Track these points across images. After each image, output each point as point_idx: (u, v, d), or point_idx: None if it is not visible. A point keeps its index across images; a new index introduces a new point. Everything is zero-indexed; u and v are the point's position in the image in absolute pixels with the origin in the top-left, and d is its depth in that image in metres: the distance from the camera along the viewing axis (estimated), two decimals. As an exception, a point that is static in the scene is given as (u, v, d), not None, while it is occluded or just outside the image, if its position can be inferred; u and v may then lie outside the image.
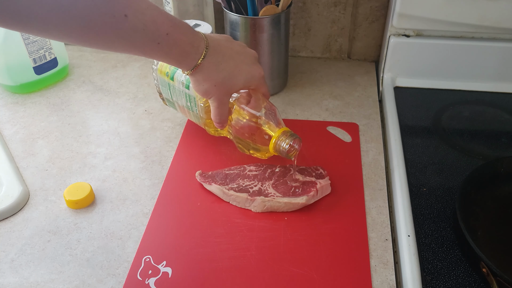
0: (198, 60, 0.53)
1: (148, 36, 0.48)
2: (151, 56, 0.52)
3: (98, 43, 0.47)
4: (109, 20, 0.45)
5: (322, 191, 0.61)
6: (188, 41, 0.52)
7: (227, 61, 0.56)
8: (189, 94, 0.65)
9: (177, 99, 0.68)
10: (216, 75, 0.55)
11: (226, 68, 0.55)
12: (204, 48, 0.53)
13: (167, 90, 0.69)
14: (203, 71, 0.54)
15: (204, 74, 0.55)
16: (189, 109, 0.67)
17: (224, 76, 0.55)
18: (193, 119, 0.70)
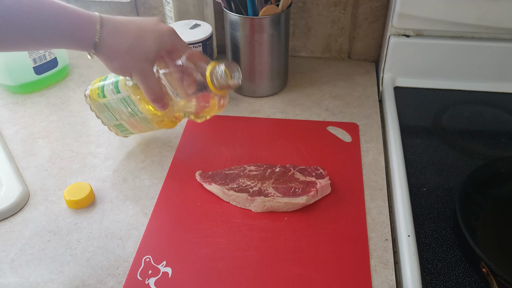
0: (96, 33, 0.52)
1: (39, 18, 0.49)
2: (46, 45, 0.52)
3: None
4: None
5: (322, 191, 0.61)
6: (80, 16, 0.52)
7: (128, 26, 0.54)
8: (123, 97, 0.62)
9: (120, 114, 0.65)
10: (122, 43, 0.53)
11: (129, 32, 0.53)
12: (98, 20, 0.52)
13: (108, 113, 0.65)
14: (107, 42, 0.53)
15: (109, 46, 0.53)
16: (134, 116, 0.64)
17: (131, 42, 0.53)
18: (145, 126, 0.66)
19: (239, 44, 0.76)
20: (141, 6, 0.92)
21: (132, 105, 0.62)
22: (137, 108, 0.62)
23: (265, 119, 0.76)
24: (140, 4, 0.92)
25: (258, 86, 0.81)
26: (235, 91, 0.83)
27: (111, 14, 0.92)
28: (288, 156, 0.68)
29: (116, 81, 0.62)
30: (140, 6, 0.92)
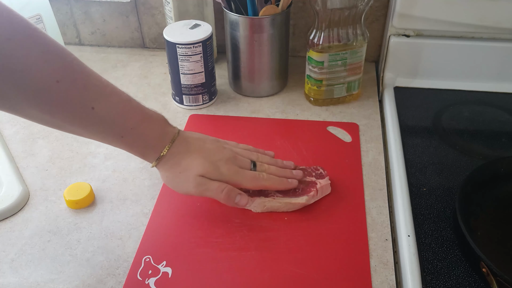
0: (162, 152, 0.53)
1: (113, 129, 0.50)
2: (113, 145, 0.52)
3: (65, 128, 0.49)
4: (76, 110, 0.47)
5: (322, 191, 0.61)
6: (154, 135, 0.53)
7: (194, 151, 0.55)
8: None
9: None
10: (180, 163, 0.54)
11: (192, 154, 0.55)
12: (173, 136, 0.54)
13: None
14: (168, 160, 0.54)
15: (168, 163, 0.54)
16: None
17: (189, 163, 0.54)
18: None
19: (239, 44, 0.76)
20: (141, 6, 0.92)
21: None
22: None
23: (265, 119, 0.76)
24: (140, 4, 0.92)
25: (258, 86, 0.81)
26: (235, 91, 0.83)
27: (111, 14, 0.94)
28: (288, 156, 0.68)
29: None
30: (140, 6, 0.92)
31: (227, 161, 0.56)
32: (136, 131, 0.51)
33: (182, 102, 0.78)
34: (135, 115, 0.51)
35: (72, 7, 0.94)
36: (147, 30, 0.96)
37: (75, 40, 0.99)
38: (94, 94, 0.48)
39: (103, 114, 0.48)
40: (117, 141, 0.51)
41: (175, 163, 0.54)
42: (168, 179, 0.56)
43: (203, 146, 0.56)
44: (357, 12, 0.70)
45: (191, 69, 0.74)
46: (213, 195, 0.55)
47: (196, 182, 0.54)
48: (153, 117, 0.53)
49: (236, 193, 0.56)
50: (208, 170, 0.54)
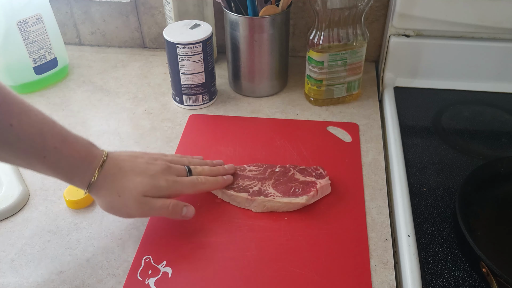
0: (93, 174, 0.50)
1: (33, 147, 0.47)
2: (38, 169, 0.49)
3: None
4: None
5: (322, 191, 0.61)
6: (80, 156, 0.50)
7: (128, 171, 0.53)
8: None
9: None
10: (116, 186, 0.51)
11: (127, 174, 0.52)
12: (102, 159, 0.51)
13: None
14: (100, 185, 0.51)
15: (102, 188, 0.51)
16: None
17: (125, 184, 0.51)
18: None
19: (239, 44, 0.76)
20: (141, 6, 0.92)
21: None
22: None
23: (265, 119, 0.76)
24: (140, 4, 0.92)
25: (258, 86, 0.81)
26: (235, 91, 0.83)
27: (111, 14, 0.94)
28: (288, 156, 0.68)
29: None
30: (140, 6, 0.92)
31: (163, 173, 0.54)
32: (59, 151, 0.48)
33: (182, 102, 0.78)
34: (58, 134, 0.49)
35: (72, 7, 0.94)
36: (147, 30, 0.96)
37: (75, 40, 0.99)
38: (12, 111, 0.45)
39: (22, 132, 0.46)
40: (38, 162, 0.48)
41: (110, 186, 0.51)
42: (107, 205, 0.52)
43: (135, 162, 0.54)
44: (357, 12, 0.70)
45: (191, 69, 0.74)
46: (159, 213, 0.54)
47: (139, 203, 0.52)
48: (77, 138, 0.51)
49: (182, 206, 0.55)
50: (147, 187, 0.52)
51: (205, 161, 0.63)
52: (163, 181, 0.54)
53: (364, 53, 0.74)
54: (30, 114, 0.47)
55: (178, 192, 0.55)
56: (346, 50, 0.73)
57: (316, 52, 0.73)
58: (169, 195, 0.55)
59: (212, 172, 0.60)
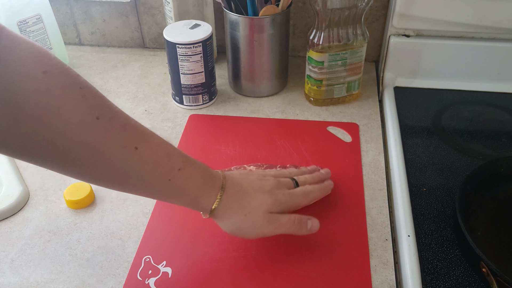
0: (217, 194, 0.49)
1: (159, 170, 0.45)
2: (162, 195, 0.48)
3: (107, 175, 0.43)
4: (119, 150, 0.42)
5: (322, 191, 0.61)
6: (203, 176, 0.48)
7: (248, 189, 0.51)
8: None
9: None
10: (242, 205, 0.50)
11: (249, 192, 0.51)
12: (222, 179, 0.50)
13: None
14: (225, 205, 0.49)
15: (227, 209, 0.49)
16: None
17: (251, 203, 0.50)
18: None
19: (239, 44, 0.76)
20: (141, 6, 0.92)
21: None
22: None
23: (265, 119, 0.76)
24: (140, 4, 0.92)
25: (258, 86, 0.81)
26: (235, 91, 0.83)
27: (111, 14, 0.94)
28: (288, 156, 0.68)
29: None
30: (140, 6, 0.92)
31: (278, 188, 0.53)
32: (184, 172, 0.46)
33: (182, 102, 0.78)
34: (179, 156, 0.47)
35: (72, 7, 0.94)
36: (147, 30, 0.96)
37: (75, 40, 1.00)
38: (135, 134, 0.44)
39: (147, 155, 0.44)
40: (165, 186, 0.46)
41: (235, 206, 0.49)
42: (234, 226, 0.50)
43: (250, 180, 0.53)
44: (357, 12, 0.70)
45: (191, 69, 0.74)
46: (286, 229, 0.52)
47: (267, 221, 0.50)
48: (195, 160, 0.49)
49: (306, 219, 0.53)
50: (272, 204, 0.51)
51: (301, 170, 0.61)
52: (281, 195, 0.52)
53: (364, 53, 0.74)
54: (152, 136, 0.46)
55: (296, 205, 0.54)
56: (346, 50, 0.73)
57: (316, 52, 0.73)
58: (288, 209, 0.53)
59: (314, 179, 0.59)
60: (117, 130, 0.42)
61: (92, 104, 0.41)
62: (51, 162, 0.41)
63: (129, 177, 0.44)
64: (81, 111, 0.40)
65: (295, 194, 0.54)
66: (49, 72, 0.38)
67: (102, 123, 0.41)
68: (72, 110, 0.39)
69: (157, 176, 0.45)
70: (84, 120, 0.40)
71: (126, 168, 0.43)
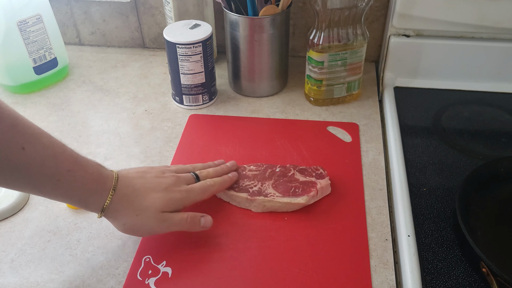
0: (108, 196, 0.49)
1: (47, 171, 0.46)
2: (51, 195, 0.48)
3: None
4: (5, 150, 0.43)
5: (322, 191, 0.61)
6: (92, 178, 0.49)
7: (141, 188, 0.52)
8: None
9: None
10: (133, 206, 0.50)
11: (141, 192, 0.51)
12: (113, 180, 0.50)
13: None
14: (115, 206, 0.50)
15: (118, 209, 0.50)
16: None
17: (143, 203, 0.51)
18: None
19: (239, 44, 0.76)
20: (141, 6, 0.92)
21: None
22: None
23: (265, 119, 0.76)
24: (140, 4, 0.92)
25: (258, 86, 0.81)
26: (235, 91, 0.83)
27: (111, 14, 0.94)
28: (288, 156, 0.68)
29: None
30: (140, 6, 0.92)
31: (174, 185, 0.54)
32: (73, 174, 0.47)
33: (182, 102, 0.78)
34: (70, 158, 0.48)
35: (72, 7, 0.94)
36: (147, 30, 0.96)
37: (75, 40, 1.00)
38: (24, 135, 0.44)
39: (35, 155, 0.45)
40: (52, 186, 0.47)
41: (126, 207, 0.50)
42: (126, 226, 0.51)
43: (145, 179, 0.53)
44: (357, 12, 0.70)
45: (191, 69, 0.74)
46: (179, 227, 0.53)
47: (158, 220, 0.51)
48: (87, 160, 0.50)
49: (199, 216, 0.54)
50: (164, 203, 0.52)
51: (207, 164, 0.62)
52: (177, 193, 0.53)
53: (364, 53, 0.74)
54: (41, 137, 0.46)
55: (192, 200, 0.55)
56: (346, 50, 0.73)
57: (316, 52, 0.73)
58: (184, 206, 0.54)
59: (216, 172, 0.60)
60: (5, 129, 0.43)
61: None
62: None
63: (15, 176, 0.45)
64: None
65: (193, 189, 0.55)
66: None
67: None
68: None
69: (44, 177, 0.46)
70: None
71: (11, 168, 0.44)
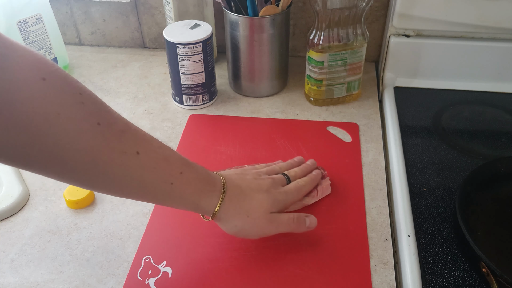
0: (219, 197, 0.49)
1: (160, 175, 0.45)
2: (165, 200, 0.47)
3: (107, 182, 0.43)
4: (119, 156, 0.41)
5: (323, 191, 0.61)
6: (202, 179, 0.48)
7: (246, 189, 0.51)
8: None
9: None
10: (243, 207, 0.50)
11: (248, 193, 0.51)
12: (222, 181, 0.50)
13: None
14: (227, 208, 0.49)
15: (229, 211, 0.50)
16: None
17: (252, 204, 0.50)
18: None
19: (239, 44, 0.76)
20: (141, 6, 0.92)
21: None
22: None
23: (265, 119, 0.76)
24: (140, 4, 0.92)
25: (258, 86, 0.81)
26: (235, 91, 0.83)
27: (111, 14, 0.94)
28: (288, 156, 0.68)
29: None
30: (140, 6, 0.92)
31: (274, 186, 0.53)
32: (185, 176, 0.46)
33: (182, 102, 0.78)
34: (179, 159, 0.47)
35: (72, 7, 0.94)
36: (147, 30, 0.96)
37: (75, 40, 1.00)
38: (136, 139, 0.43)
39: (148, 159, 0.43)
40: (166, 189, 0.46)
41: (237, 208, 0.50)
42: (236, 228, 0.50)
43: (247, 181, 0.53)
44: (357, 12, 0.70)
45: (191, 69, 0.74)
46: (287, 228, 0.52)
47: (268, 220, 0.51)
48: (192, 162, 0.49)
49: (304, 217, 0.54)
50: (271, 203, 0.51)
51: (289, 163, 0.61)
52: (278, 194, 0.53)
53: (364, 53, 0.74)
54: (152, 140, 0.45)
55: (291, 201, 0.55)
56: (346, 50, 0.73)
57: (316, 52, 0.73)
58: (285, 207, 0.54)
59: (303, 172, 0.59)
60: (117, 136, 0.42)
61: (91, 110, 0.40)
62: (49, 170, 0.40)
63: (129, 183, 0.44)
64: (80, 118, 0.39)
65: (290, 191, 0.55)
66: (47, 79, 0.37)
67: (101, 129, 0.40)
68: (71, 117, 0.38)
69: (158, 181, 0.45)
70: (83, 126, 0.39)
71: (126, 174, 0.43)
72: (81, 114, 0.39)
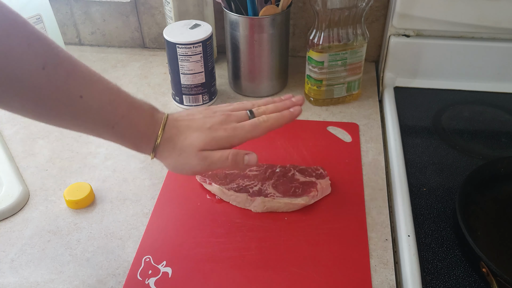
0: (156, 140, 0.50)
1: (103, 118, 0.47)
2: (105, 137, 0.49)
3: (51, 119, 0.46)
4: (63, 98, 0.44)
5: (323, 191, 0.61)
6: (145, 122, 0.50)
7: (185, 129, 0.52)
8: None
9: None
10: (176, 146, 0.51)
11: (184, 132, 0.51)
12: (161, 127, 0.51)
13: None
14: (162, 149, 0.51)
15: (164, 151, 0.51)
16: None
17: (184, 143, 0.51)
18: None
19: (239, 44, 0.76)
20: (141, 6, 0.92)
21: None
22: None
23: (265, 119, 0.76)
24: (140, 4, 0.92)
25: (258, 86, 0.81)
26: (235, 91, 0.83)
27: (111, 14, 0.94)
28: (288, 156, 0.68)
29: None
30: (140, 6, 0.92)
31: (221, 123, 0.52)
32: (127, 119, 0.48)
33: (182, 102, 0.78)
34: (125, 102, 0.48)
35: (72, 7, 0.94)
36: (147, 30, 0.96)
37: (75, 40, 1.00)
38: (82, 82, 0.45)
39: (92, 103, 0.45)
40: (107, 132, 0.48)
41: (171, 147, 0.51)
42: (171, 166, 0.52)
43: (192, 120, 0.53)
44: (357, 12, 0.70)
45: (191, 69, 0.74)
46: (220, 165, 0.51)
47: (198, 158, 0.50)
48: (142, 104, 0.51)
49: (242, 154, 0.52)
50: (205, 141, 0.51)
51: (271, 99, 0.58)
52: (221, 131, 0.51)
53: (364, 53, 0.75)
54: (98, 83, 0.46)
55: (241, 138, 0.52)
56: (346, 50, 0.73)
57: (316, 52, 0.73)
58: (231, 144, 0.52)
59: (277, 108, 0.55)
60: (62, 78, 0.43)
61: (38, 52, 0.41)
62: (10, 105, 0.43)
63: (75, 122, 0.46)
64: (26, 59, 0.41)
65: (241, 127, 0.52)
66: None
67: (47, 71, 0.42)
68: (18, 58, 0.40)
69: (100, 124, 0.47)
70: (29, 68, 0.41)
71: (71, 113, 0.45)
72: (27, 56, 0.41)
